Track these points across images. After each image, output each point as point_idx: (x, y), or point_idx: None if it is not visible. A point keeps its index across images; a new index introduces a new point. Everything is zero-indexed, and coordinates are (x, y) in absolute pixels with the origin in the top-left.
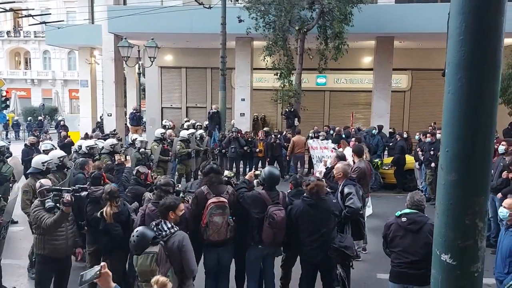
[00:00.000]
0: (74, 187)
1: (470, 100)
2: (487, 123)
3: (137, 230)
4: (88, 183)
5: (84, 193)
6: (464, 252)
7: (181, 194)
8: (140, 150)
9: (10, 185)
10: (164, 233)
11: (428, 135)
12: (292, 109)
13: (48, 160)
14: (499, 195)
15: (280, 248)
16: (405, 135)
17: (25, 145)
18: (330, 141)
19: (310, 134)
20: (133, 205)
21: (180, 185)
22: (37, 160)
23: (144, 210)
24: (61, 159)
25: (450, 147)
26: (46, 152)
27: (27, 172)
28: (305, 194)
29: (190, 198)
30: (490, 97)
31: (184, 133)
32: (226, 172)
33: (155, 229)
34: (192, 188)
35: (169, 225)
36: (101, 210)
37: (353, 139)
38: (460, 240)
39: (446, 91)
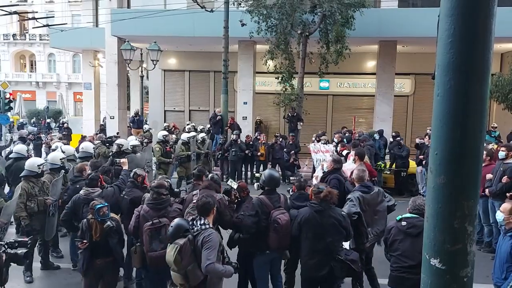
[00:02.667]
0: (9, 241)
1: (459, 102)
2: (476, 125)
3: (175, 221)
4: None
5: (21, 251)
6: (453, 256)
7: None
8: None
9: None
10: (195, 228)
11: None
12: (295, 114)
13: (43, 162)
14: None
15: (286, 252)
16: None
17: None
18: (331, 145)
19: (313, 138)
20: None
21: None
22: (32, 162)
23: (139, 212)
24: (62, 160)
25: (439, 149)
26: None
27: (21, 175)
28: (312, 200)
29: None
30: (479, 99)
31: (184, 136)
32: (229, 182)
33: (190, 223)
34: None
35: (203, 222)
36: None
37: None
38: (449, 244)
39: (435, 93)
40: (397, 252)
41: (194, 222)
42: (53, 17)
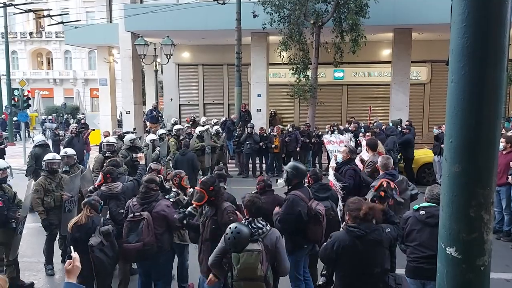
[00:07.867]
0: None
1: (474, 89)
2: (491, 112)
3: (235, 227)
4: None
5: None
6: (469, 245)
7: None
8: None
9: None
10: (260, 230)
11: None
12: None
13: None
14: None
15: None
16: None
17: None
18: (346, 134)
19: (326, 129)
20: None
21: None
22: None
23: (129, 204)
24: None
25: (454, 137)
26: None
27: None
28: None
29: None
30: (494, 86)
31: (198, 129)
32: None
33: (249, 226)
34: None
35: (263, 223)
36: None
37: (368, 133)
38: (465, 233)
39: (450, 80)
40: (415, 242)
41: (253, 224)
42: (68, 14)
